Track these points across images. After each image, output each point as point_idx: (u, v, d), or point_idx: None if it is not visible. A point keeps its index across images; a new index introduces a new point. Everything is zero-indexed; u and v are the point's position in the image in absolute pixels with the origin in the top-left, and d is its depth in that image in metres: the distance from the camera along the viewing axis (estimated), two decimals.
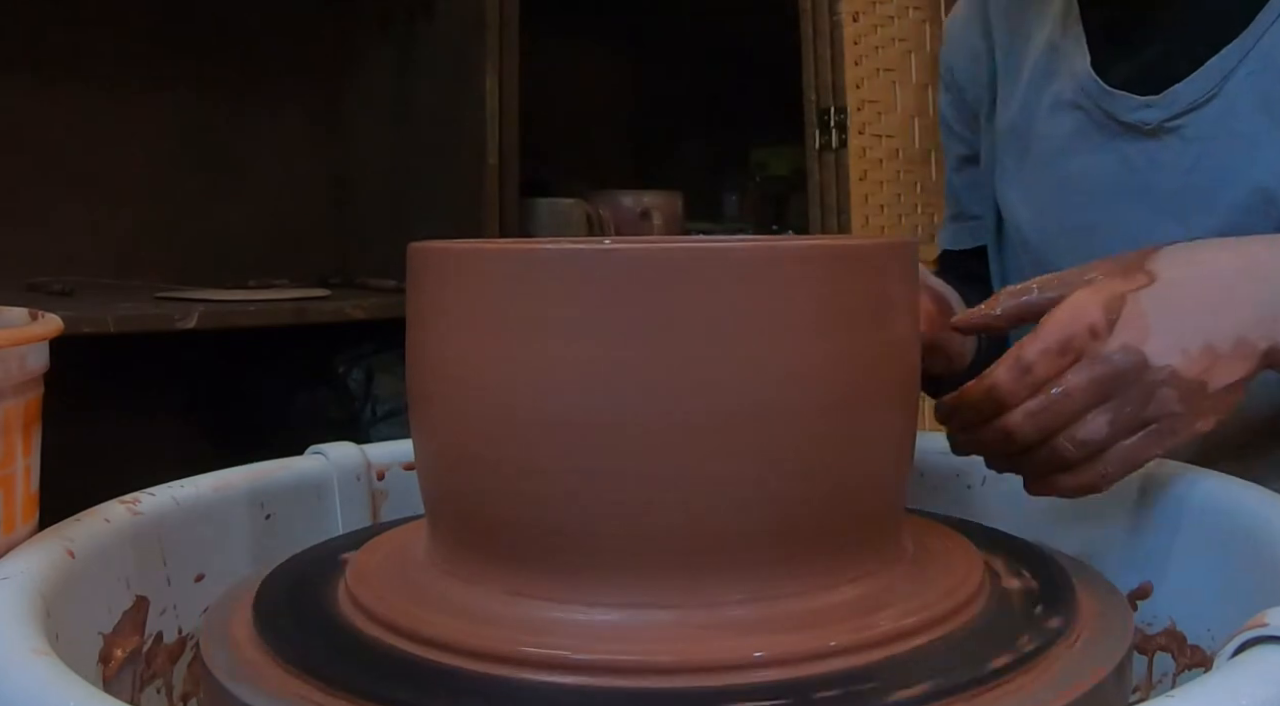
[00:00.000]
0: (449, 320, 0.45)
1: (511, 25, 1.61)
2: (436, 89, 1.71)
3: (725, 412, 0.41)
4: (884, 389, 0.45)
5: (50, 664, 0.36)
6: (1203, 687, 0.34)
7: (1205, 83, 0.71)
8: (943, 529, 0.53)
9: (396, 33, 1.79)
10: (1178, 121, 0.73)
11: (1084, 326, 0.54)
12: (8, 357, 0.45)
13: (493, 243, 0.53)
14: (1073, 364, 0.53)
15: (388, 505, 0.64)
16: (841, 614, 0.42)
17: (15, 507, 0.46)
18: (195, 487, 0.56)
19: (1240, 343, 0.55)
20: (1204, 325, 0.55)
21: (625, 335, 0.41)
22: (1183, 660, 0.53)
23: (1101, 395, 0.53)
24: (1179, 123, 0.73)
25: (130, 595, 0.50)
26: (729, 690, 0.38)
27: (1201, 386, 0.54)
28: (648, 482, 0.41)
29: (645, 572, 0.42)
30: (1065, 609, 0.45)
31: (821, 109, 1.86)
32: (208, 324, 1.37)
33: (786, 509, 0.42)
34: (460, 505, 0.46)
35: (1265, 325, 0.55)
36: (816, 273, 0.43)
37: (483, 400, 0.43)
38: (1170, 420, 0.54)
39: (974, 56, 0.90)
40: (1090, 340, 0.54)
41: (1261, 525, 0.50)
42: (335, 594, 0.47)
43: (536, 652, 0.39)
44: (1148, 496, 0.57)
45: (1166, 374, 0.53)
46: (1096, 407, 0.53)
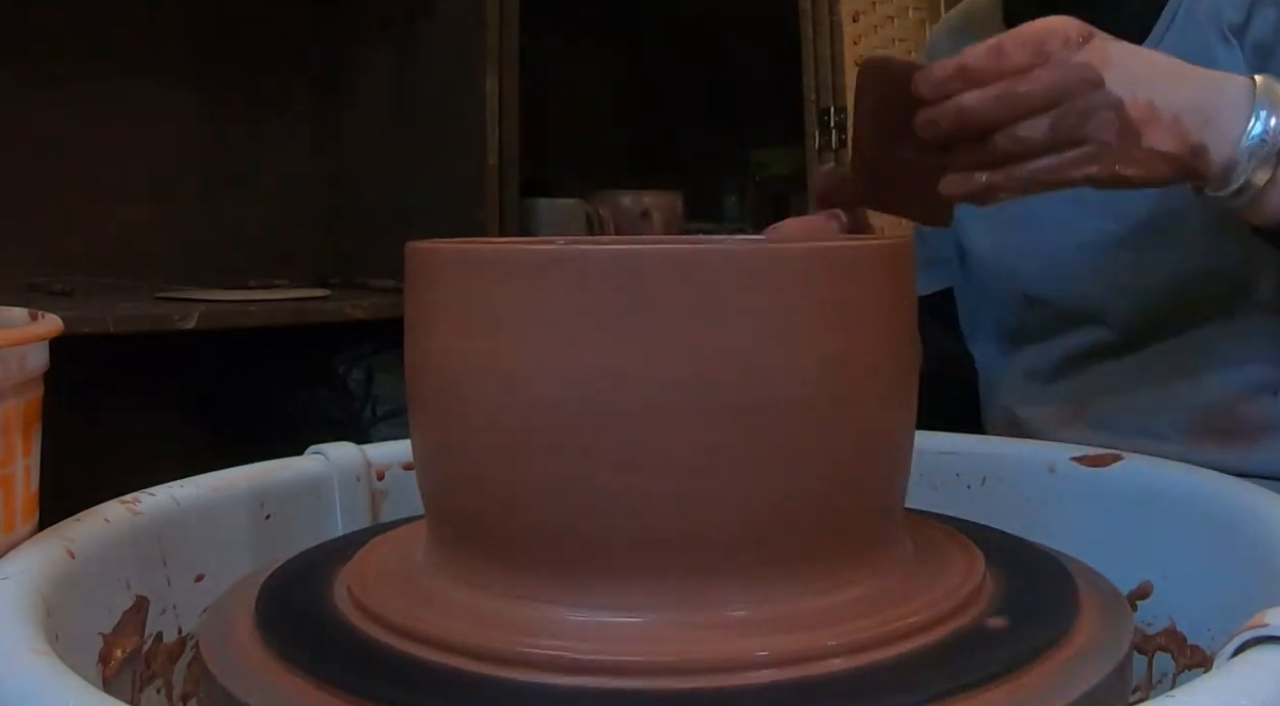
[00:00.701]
0: (449, 320, 0.45)
1: (511, 25, 1.61)
2: (436, 89, 1.71)
3: (725, 413, 0.41)
4: (884, 389, 0.45)
5: (50, 664, 0.36)
6: (1203, 687, 0.34)
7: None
8: (943, 529, 0.53)
9: (396, 33, 1.79)
10: None
11: (1060, 34, 0.58)
12: (8, 358, 0.45)
13: (492, 242, 0.53)
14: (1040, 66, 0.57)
15: (388, 505, 0.64)
16: (841, 614, 0.42)
17: (15, 507, 0.46)
18: (195, 487, 0.56)
19: (1176, 120, 0.58)
20: (1154, 87, 0.59)
21: (625, 336, 0.41)
22: (1183, 660, 0.53)
23: (1053, 99, 0.57)
24: None
25: (130, 595, 0.50)
26: (729, 690, 0.38)
27: (1136, 133, 0.58)
28: (647, 483, 0.41)
29: (645, 573, 0.42)
30: (1065, 609, 0.45)
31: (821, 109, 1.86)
32: (208, 324, 1.37)
33: (786, 509, 0.42)
34: (460, 505, 0.46)
35: (1199, 119, 0.59)
36: (816, 273, 0.43)
37: (482, 400, 0.43)
38: (1100, 147, 0.58)
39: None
40: (1061, 47, 0.58)
41: (1261, 525, 0.50)
42: (335, 594, 0.47)
43: (536, 653, 0.39)
44: (1148, 496, 0.57)
45: (1115, 99, 0.57)
46: (1044, 112, 0.57)
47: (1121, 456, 0.60)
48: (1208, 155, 0.59)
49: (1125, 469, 0.59)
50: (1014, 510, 0.62)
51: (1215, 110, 0.59)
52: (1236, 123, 0.59)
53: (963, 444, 0.66)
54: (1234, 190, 0.59)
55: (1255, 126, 0.59)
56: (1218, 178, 0.60)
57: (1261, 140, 0.58)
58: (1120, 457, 0.60)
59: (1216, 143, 0.59)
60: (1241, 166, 0.59)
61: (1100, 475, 0.60)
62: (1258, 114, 0.59)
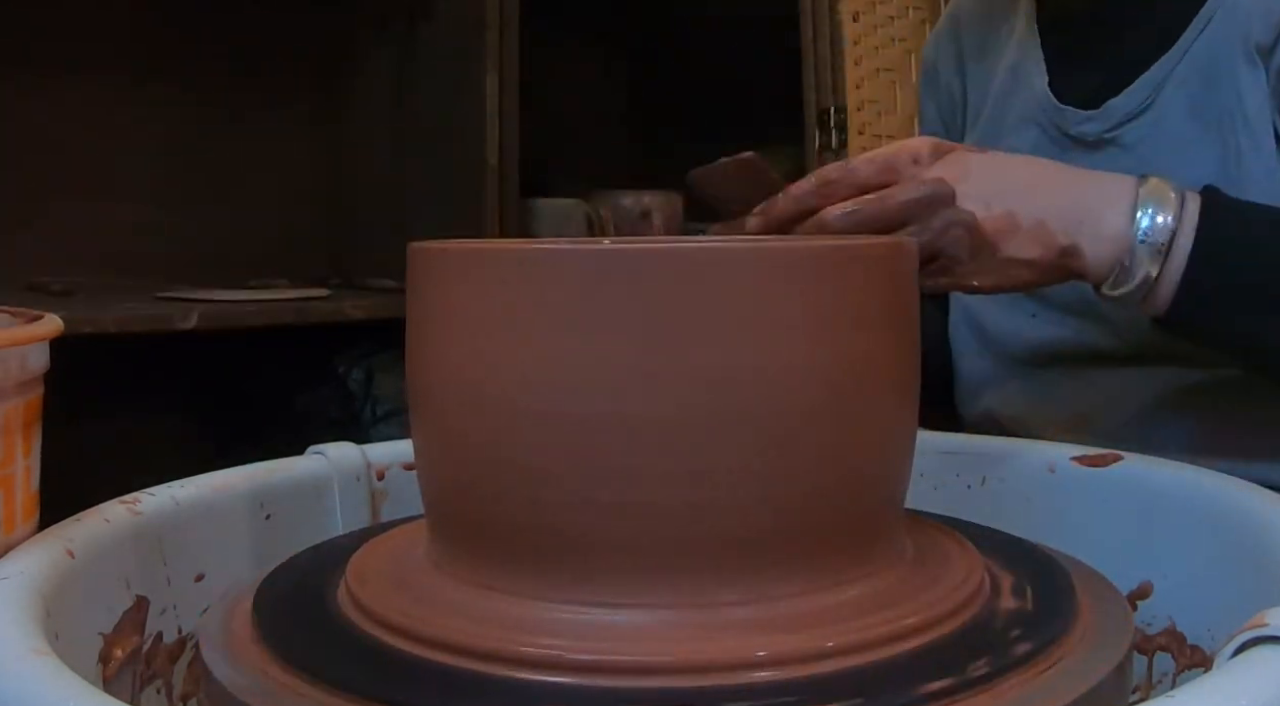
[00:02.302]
0: (449, 320, 0.45)
1: (511, 25, 1.61)
2: (436, 89, 1.71)
3: (725, 412, 0.41)
4: (883, 389, 0.45)
5: (50, 664, 0.36)
6: (1203, 687, 0.34)
7: (1139, 95, 0.77)
8: (943, 529, 0.53)
9: (396, 33, 1.79)
10: (1115, 132, 0.78)
11: (909, 154, 0.61)
12: (8, 358, 0.45)
13: (492, 243, 0.53)
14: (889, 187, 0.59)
15: (388, 505, 0.64)
16: (841, 614, 0.42)
17: (15, 507, 0.46)
18: (195, 487, 0.56)
19: (1040, 226, 0.61)
20: (1013, 196, 0.61)
21: (625, 335, 0.41)
22: (1183, 660, 0.53)
23: (907, 215, 0.58)
24: (1116, 133, 0.78)
25: (130, 595, 0.50)
26: (729, 690, 0.38)
27: (994, 247, 0.60)
28: (647, 483, 0.41)
29: (645, 572, 0.42)
30: (1065, 609, 0.45)
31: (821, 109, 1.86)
32: (208, 324, 1.37)
33: (786, 509, 0.42)
34: (460, 505, 0.46)
35: (1067, 222, 0.61)
36: (816, 272, 0.43)
37: (482, 400, 0.43)
38: (952, 262, 0.59)
39: (949, 94, 0.96)
40: (911, 165, 0.61)
41: (1261, 525, 0.50)
42: (335, 594, 0.47)
43: (536, 652, 0.39)
44: (1148, 496, 0.57)
45: (966, 216, 0.59)
46: (900, 227, 0.58)
47: (1121, 456, 0.60)
48: (1081, 255, 0.61)
49: (1125, 469, 0.59)
50: (1014, 510, 0.62)
51: (1089, 211, 0.61)
52: (1118, 221, 0.61)
53: (963, 444, 0.66)
54: (1134, 286, 0.61)
55: (1143, 219, 0.61)
56: (1101, 276, 0.62)
57: (1150, 230, 0.61)
58: (1120, 457, 0.60)
59: (1093, 242, 0.61)
60: (1137, 258, 0.61)
61: (1100, 475, 0.60)
62: (1144, 209, 0.61)
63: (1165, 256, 0.61)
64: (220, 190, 1.82)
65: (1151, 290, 0.62)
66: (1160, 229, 0.61)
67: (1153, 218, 0.61)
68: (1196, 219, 0.62)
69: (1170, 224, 0.61)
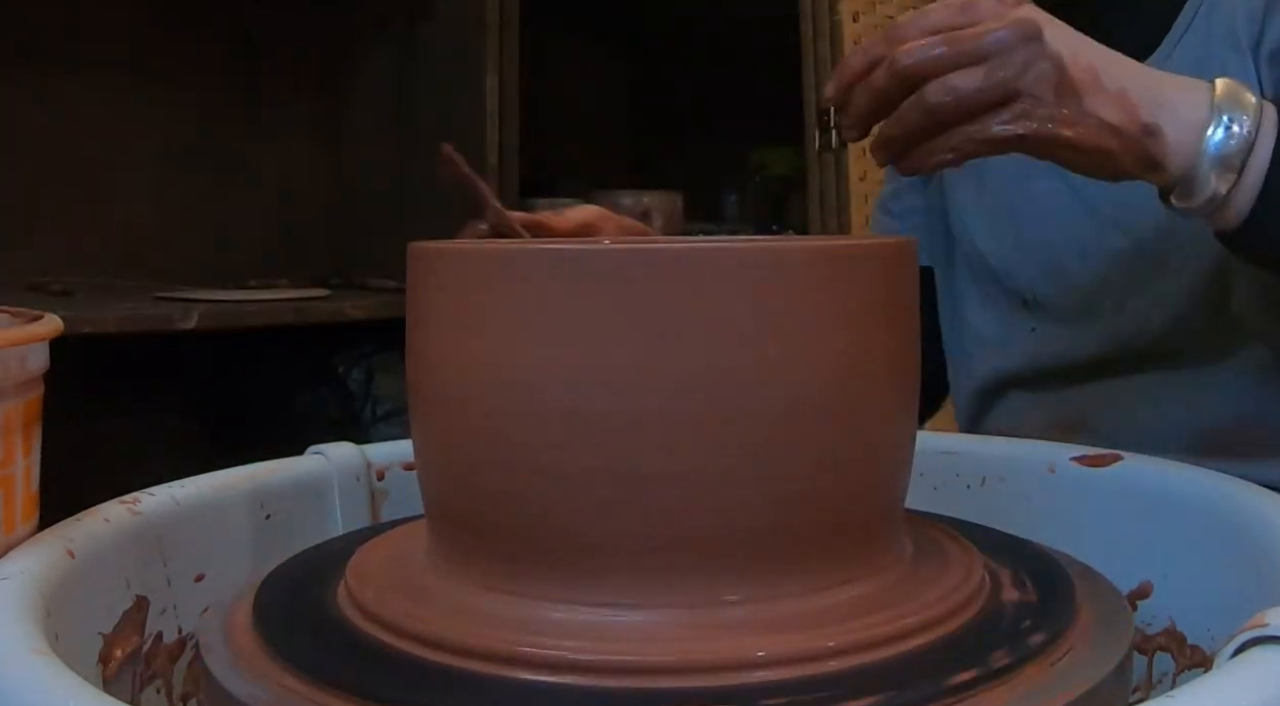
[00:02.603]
0: (449, 320, 0.45)
1: (511, 25, 1.61)
2: (436, 89, 1.71)
3: (724, 412, 0.41)
4: (884, 389, 0.45)
5: (50, 664, 0.36)
6: (1203, 687, 0.34)
7: None
8: (943, 529, 0.53)
9: (396, 33, 1.79)
10: None
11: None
12: (8, 358, 0.45)
13: (492, 243, 0.53)
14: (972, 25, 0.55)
15: (388, 505, 0.64)
16: (841, 614, 0.42)
17: (15, 507, 0.46)
18: (195, 487, 0.56)
19: (1123, 94, 0.56)
20: (1099, 56, 0.56)
21: (624, 335, 0.41)
22: (1183, 660, 0.53)
23: (989, 50, 0.54)
24: None
25: (130, 595, 0.50)
26: (729, 690, 0.38)
27: (1077, 93, 0.55)
28: (647, 482, 0.41)
29: (645, 573, 0.42)
30: (1065, 609, 0.45)
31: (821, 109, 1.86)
32: (208, 324, 1.38)
33: (786, 508, 0.42)
34: (460, 505, 0.46)
35: (1149, 96, 0.57)
36: (816, 273, 0.43)
37: (482, 400, 0.43)
38: (1035, 102, 0.54)
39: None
40: (996, 4, 0.56)
41: (1261, 525, 0.50)
42: (335, 594, 0.47)
43: (536, 652, 0.39)
44: (1148, 496, 0.57)
45: (1053, 54, 0.54)
46: (981, 62, 0.54)
47: (1121, 456, 0.60)
48: (1164, 139, 0.56)
49: (1125, 469, 0.59)
50: (1014, 510, 0.62)
51: (1170, 97, 0.57)
52: (1195, 116, 0.57)
53: (963, 444, 0.66)
54: (1204, 200, 0.58)
55: (1217, 131, 0.57)
56: (1178, 171, 0.57)
57: (1226, 143, 0.57)
58: (1120, 457, 0.60)
59: (1175, 128, 0.56)
60: (1204, 172, 0.57)
61: (1100, 475, 0.60)
62: (1218, 118, 0.57)
63: (1240, 170, 0.57)
64: (220, 190, 1.82)
65: (1225, 202, 0.58)
66: (1238, 138, 0.56)
67: (1228, 127, 0.56)
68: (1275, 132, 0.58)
69: (1247, 134, 0.57)
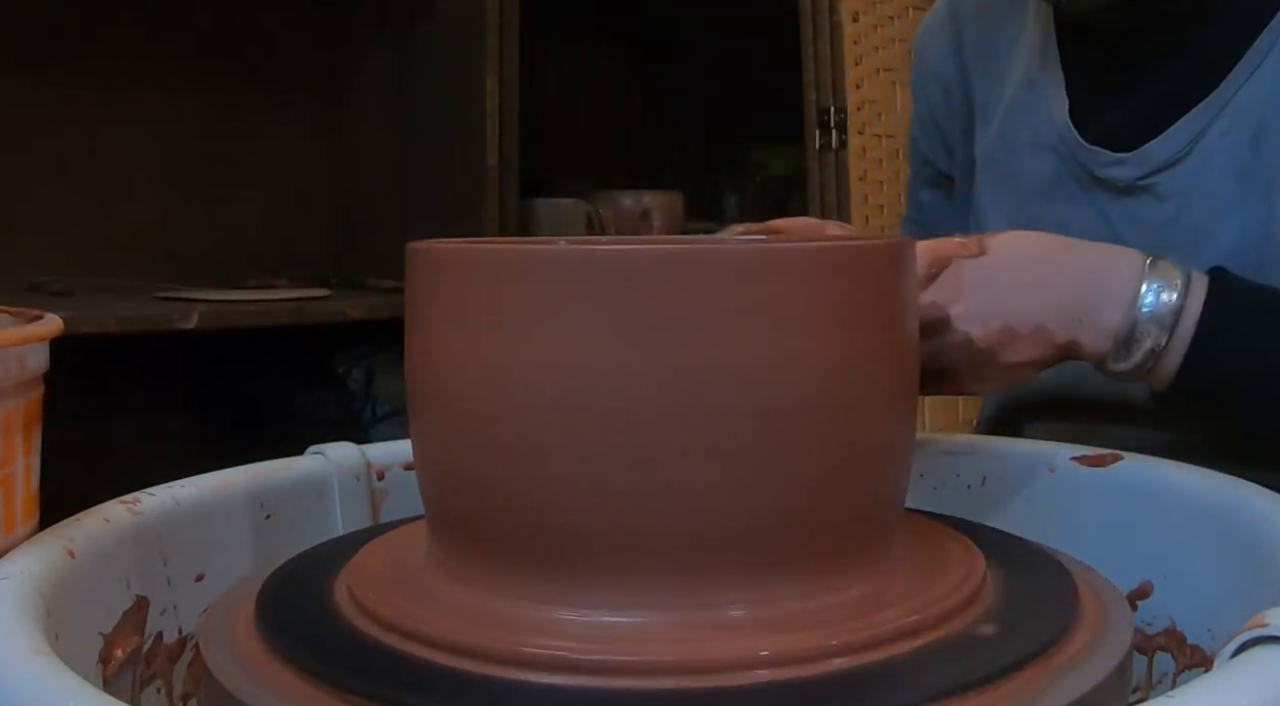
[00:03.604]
0: (448, 320, 0.45)
1: (511, 25, 1.61)
2: (436, 89, 1.71)
3: (725, 412, 0.41)
4: (884, 389, 0.45)
5: (50, 664, 0.36)
6: (1203, 687, 0.34)
7: (1177, 142, 0.71)
8: (943, 529, 0.53)
9: (396, 34, 1.79)
10: (1150, 180, 0.73)
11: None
12: (7, 358, 0.45)
13: (492, 242, 0.53)
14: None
15: (388, 505, 0.64)
16: (842, 614, 0.42)
17: (15, 507, 0.46)
18: (195, 487, 0.56)
19: (1039, 329, 0.60)
20: (1010, 306, 0.60)
21: (624, 336, 0.41)
22: (1183, 660, 0.53)
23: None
24: (1152, 181, 0.73)
25: (130, 595, 0.50)
26: (729, 690, 0.38)
27: (991, 356, 0.60)
28: (647, 483, 0.41)
29: (645, 573, 0.42)
30: (1065, 609, 0.45)
31: (821, 109, 1.86)
32: (208, 324, 1.38)
33: (787, 508, 0.42)
34: (460, 505, 0.46)
35: (1067, 322, 0.60)
36: (816, 273, 0.43)
37: (482, 400, 0.43)
38: (952, 377, 0.60)
39: (944, 89, 0.91)
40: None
41: (1261, 525, 0.50)
42: (335, 594, 0.47)
43: (536, 652, 0.39)
44: (1148, 496, 0.57)
45: (961, 338, 0.59)
46: None
47: (1121, 456, 0.60)
48: (1080, 348, 0.61)
49: (1125, 469, 0.59)
50: (1014, 510, 0.62)
51: (1090, 307, 0.60)
52: (1119, 308, 0.60)
53: (963, 444, 0.66)
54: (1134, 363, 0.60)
55: (1147, 297, 0.60)
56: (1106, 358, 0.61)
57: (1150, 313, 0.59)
58: (1120, 457, 0.60)
59: (1093, 336, 0.60)
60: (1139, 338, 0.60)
61: (1100, 475, 0.60)
62: (1148, 287, 0.60)
63: (1170, 333, 0.59)
64: (220, 190, 1.82)
65: (1155, 365, 0.60)
66: (1165, 306, 0.59)
67: (1157, 294, 0.60)
68: (1204, 294, 0.60)
69: (1175, 301, 0.59)
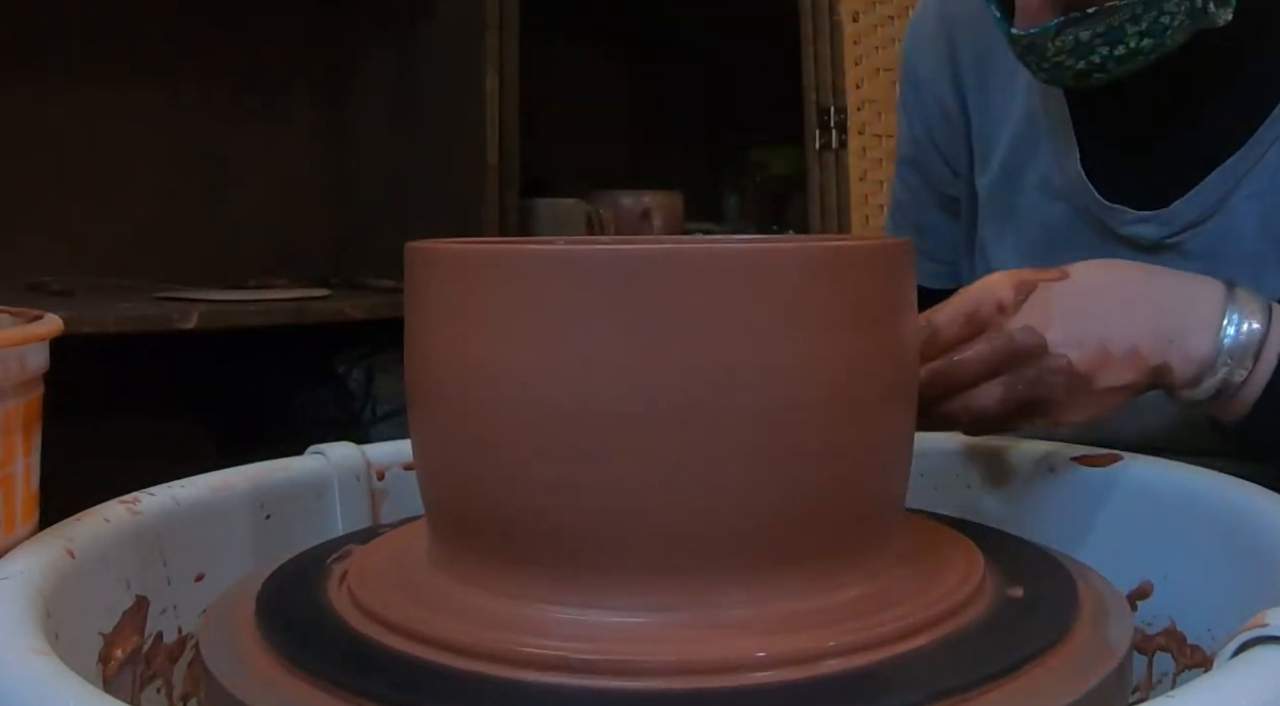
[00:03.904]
0: (448, 320, 0.45)
1: (511, 25, 1.61)
2: (436, 89, 1.71)
3: (726, 412, 0.41)
4: (883, 389, 0.45)
5: (50, 664, 0.36)
6: (1203, 687, 0.34)
7: (1205, 200, 0.70)
8: (943, 529, 0.53)
9: (396, 34, 1.79)
10: (1177, 238, 0.72)
11: (993, 302, 0.58)
12: (8, 358, 0.45)
13: (492, 242, 0.53)
14: (977, 335, 0.58)
15: (388, 505, 0.64)
16: (842, 614, 0.42)
17: (15, 507, 0.46)
18: (195, 487, 0.56)
19: (1132, 352, 0.58)
20: (1102, 328, 0.58)
21: (624, 335, 0.41)
22: (1183, 660, 0.53)
23: (998, 367, 0.57)
24: (1178, 239, 0.72)
25: (130, 595, 0.50)
26: (729, 690, 0.38)
27: (1088, 382, 0.58)
28: (647, 483, 0.41)
29: (645, 573, 0.42)
30: (1065, 609, 0.45)
31: (821, 109, 1.86)
32: (208, 324, 1.38)
33: (786, 508, 0.42)
34: (460, 506, 0.46)
35: (1159, 344, 0.58)
36: (816, 273, 0.43)
37: (482, 400, 0.43)
38: (1051, 406, 0.58)
39: (944, 111, 0.87)
40: (996, 314, 0.58)
41: (1261, 525, 0.50)
42: (335, 594, 0.47)
43: (536, 652, 0.39)
44: (1148, 496, 0.57)
45: (1061, 362, 0.57)
46: (992, 379, 0.57)
47: (1121, 456, 0.60)
48: (1171, 373, 0.59)
49: (1125, 469, 0.59)
50: (1014, 510, 0.62)
51: (1179, 331, 0.58)
52: (1206, 335, 0.58)
53: (963, 444, 0.66)
54: (1211, 392, 0.59)
55: (1229, 328, 0.58)
56: (1186, 386, 0.59)
57: (1235, 343, 0.58)
58: (1120, 457, 0.60)
59: (1182, 361, 0.58)
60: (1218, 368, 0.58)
61: (1100, 475, 0.60)
62: (1230, 318, 0.58)
63: (1252, 367, 0.58)
64: (220, 190, 1.82)
65: (1233, 396, 0.59)
66: (1249, 335, 0.58)
67: (1238, 324, 0.58)
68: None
69: (1259, 330, 0.58)
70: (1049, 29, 0.64)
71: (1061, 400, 0.58)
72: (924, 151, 0.90)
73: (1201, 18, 0.64)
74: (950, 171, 0.89)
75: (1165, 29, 0.64)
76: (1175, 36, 0.65)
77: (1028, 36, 0.66)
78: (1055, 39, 0.65)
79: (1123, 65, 0.66)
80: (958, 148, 0.87)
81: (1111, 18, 0.63)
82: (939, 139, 0.88)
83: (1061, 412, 0.58)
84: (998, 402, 0.57)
